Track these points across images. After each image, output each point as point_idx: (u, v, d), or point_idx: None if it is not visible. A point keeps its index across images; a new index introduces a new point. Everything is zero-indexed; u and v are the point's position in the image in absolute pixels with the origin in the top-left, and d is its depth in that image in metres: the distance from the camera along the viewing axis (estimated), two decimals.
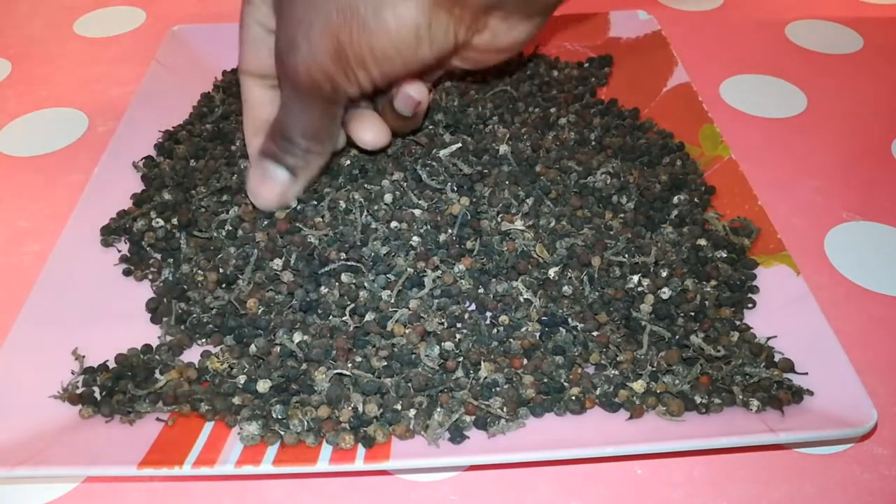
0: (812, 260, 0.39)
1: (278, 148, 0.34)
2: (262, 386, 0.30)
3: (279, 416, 0.29)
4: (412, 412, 0.29)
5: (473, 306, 0.34)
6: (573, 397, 0.30)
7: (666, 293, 0.33)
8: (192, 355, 0.33)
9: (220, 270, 0.35)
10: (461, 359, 0.31)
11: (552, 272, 0.34)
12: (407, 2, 0.29)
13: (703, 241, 0.36)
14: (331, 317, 0.33)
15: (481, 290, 0.34)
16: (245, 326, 0.33)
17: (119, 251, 0.37)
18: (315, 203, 0.37)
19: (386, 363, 0.31)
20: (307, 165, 0.35)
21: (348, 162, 0.39)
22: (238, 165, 0.41)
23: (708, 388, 0.30)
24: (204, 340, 0.33)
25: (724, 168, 0.40)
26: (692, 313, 0.33)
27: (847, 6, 0.61)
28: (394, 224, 0.36)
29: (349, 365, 0.30)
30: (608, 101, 0.47)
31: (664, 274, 0.34)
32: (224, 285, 0.34)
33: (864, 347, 0.34)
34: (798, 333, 0.32)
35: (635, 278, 0.34)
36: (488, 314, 0.33)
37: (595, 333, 0.32)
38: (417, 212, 0.36)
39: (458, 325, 0.32)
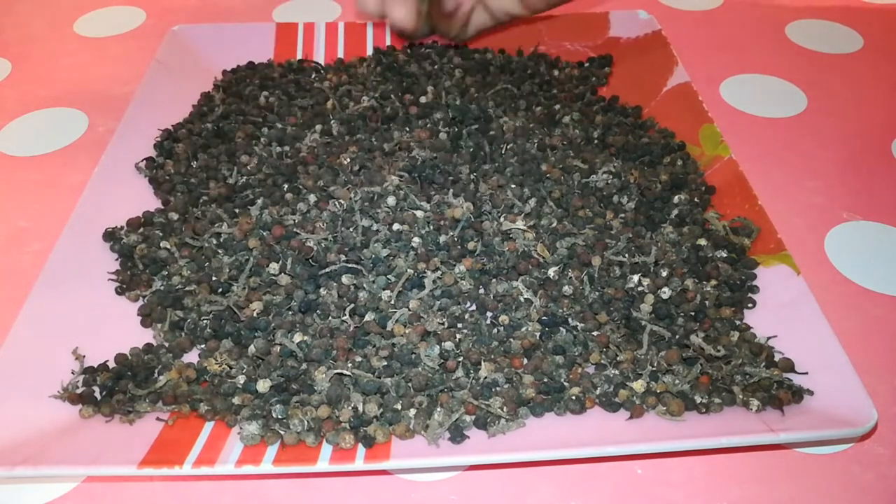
0: (812, 260, 0.39)
1: None
2: (262, 386, 0.30)
3: (279, 416, 0.29)
4: (412, 412, 0.29)
5: (474, 306, 0.34)
6: (573, 397, 0.30)
7: (666, 293, 0.33)
8: (191, 356, 0.33)
9: (214, 278, 0.35)
10: (461, 359, 0.31)
11: (552, 272, 0.34)
12: None
13: (703, 241, 0.36)
14: (330, 317, 0.33)
15: (482, 291, 0.34)
16: (243, 329, 0.33)
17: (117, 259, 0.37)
18: (316, 201, 0.37)
19: (386, 363, 0.31)
20: None
21: (348, 160, 0.39)
22: (239, 160, 0.41)
23: (708, 388, 0.30)
24: (203, 346, 0.33)
25: (724, 168, 0.40)
26: (692, 313, 0.33)
27: (847, 6, 0.61)
28: (395, 226, 0.35)
29: (349, 365, 0.30)
30: (610, 98, 0.47)
31: (664, 274, 0.34)
32: (219, 291, 0.34)
33: (864, 347, 0.34)
34: (798, 333, 0.32)
35: (635, 278, 0.34)
36: (489, 314, 0.33)
37: (595, 333, 0.32)
38: (419, 213, 0.36)
39: (459, 325, 0.32)
